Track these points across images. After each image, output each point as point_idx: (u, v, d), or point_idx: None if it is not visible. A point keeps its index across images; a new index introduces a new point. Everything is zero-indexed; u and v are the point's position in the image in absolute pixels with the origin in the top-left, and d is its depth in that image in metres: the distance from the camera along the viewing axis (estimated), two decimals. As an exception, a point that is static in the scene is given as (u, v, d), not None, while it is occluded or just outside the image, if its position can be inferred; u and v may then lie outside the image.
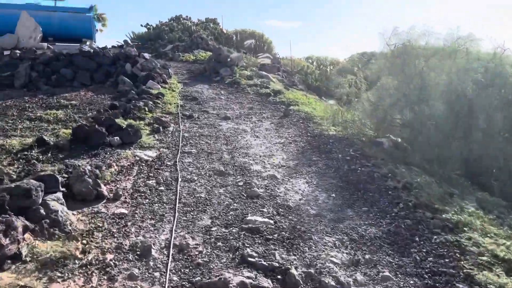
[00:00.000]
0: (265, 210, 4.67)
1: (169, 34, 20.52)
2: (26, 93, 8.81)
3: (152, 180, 5.27)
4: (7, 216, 3.35)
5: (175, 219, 4.30)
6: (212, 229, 4.20)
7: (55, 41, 17.10)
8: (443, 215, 4.60)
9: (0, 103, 7.84)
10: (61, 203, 4.09)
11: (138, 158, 5.88)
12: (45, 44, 15.36)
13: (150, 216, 4.37)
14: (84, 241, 3.75)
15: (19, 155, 5.20)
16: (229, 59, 13.82)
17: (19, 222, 3.42)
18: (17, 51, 10.11)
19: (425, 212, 4.76)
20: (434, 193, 5.16)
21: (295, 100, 10.97)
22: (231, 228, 4.23)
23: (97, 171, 4.95)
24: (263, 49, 23.29)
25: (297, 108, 10.16)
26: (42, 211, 3.80)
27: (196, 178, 5.49)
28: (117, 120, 6.71)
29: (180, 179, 5.34)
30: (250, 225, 4.26)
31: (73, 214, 4.16)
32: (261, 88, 12.04)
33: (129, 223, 4.19)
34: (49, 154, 5.27)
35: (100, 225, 4.08)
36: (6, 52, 10.13)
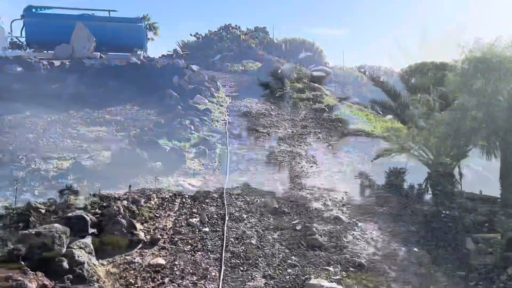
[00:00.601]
0: (331, 269, 3.74)
1: (218, 44, 20.21)
2: (73, 106, 8.57)
3: (195, 217, 4.54)
4: (19, 278, 2.72)
5: (221, 278, 3.51)
6: (266, 295, 3.36)
7: (108, 50, 17.26)
8: None
9: (46, 117, 7.60)
10: (88, 252, 3.44)
11: (181, 188, 5.21)
12: (98, 54, 15.47)
13: (191, 270, 3.62)
14: (111, 306, 3.07)
15: (53, 183, 4.71)
16: (279, 71, 13.04)
17: (33, 284, 2.79)
18: (67, 63, 10.00)
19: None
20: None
21: (352, 117, 9.93)
22: (290, 295, 3.36)
23: (134, 207, 4.30)
24: (313, 58, 22.36)
25: (355, 126, 9.11)
26: (65, 264, 3.17)
27: (245, 216, 4.69)
28: (160, 142, 6.13)
29: (227, 217, 4.57)
30: (314, 292, 3.36)
31: (101, 264, 3.51)
32: (314, 102, 11.09)
33: (166, 280, 3.46)
34: (84, 183, 4.73)
35: (133, 281, 3.38)
36: (56, 63, 10.05)
